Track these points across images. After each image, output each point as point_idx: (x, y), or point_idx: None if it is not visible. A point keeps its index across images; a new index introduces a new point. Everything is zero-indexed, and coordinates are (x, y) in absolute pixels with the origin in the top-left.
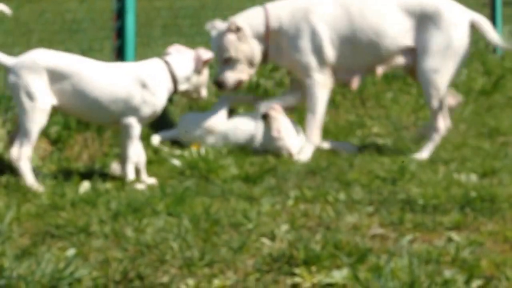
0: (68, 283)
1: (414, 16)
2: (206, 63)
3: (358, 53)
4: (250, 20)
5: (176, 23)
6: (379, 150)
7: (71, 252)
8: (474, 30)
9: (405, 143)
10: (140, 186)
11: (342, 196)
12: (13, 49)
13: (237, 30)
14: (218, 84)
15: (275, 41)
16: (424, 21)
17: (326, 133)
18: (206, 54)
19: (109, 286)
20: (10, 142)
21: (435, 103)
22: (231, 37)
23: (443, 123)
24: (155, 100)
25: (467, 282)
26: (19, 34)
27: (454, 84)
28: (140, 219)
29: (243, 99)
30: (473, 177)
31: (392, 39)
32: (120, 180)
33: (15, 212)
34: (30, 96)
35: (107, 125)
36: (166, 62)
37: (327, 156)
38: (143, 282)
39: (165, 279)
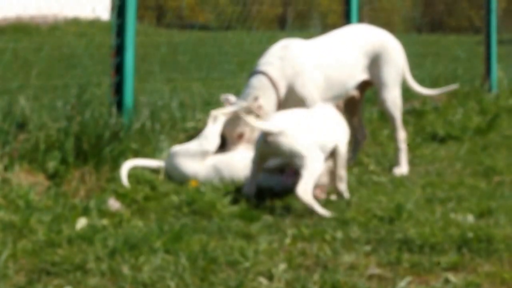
0: None
1: (368, 55)
2: None
3: (330, 89)
4: (264, 93)
5: (174, 58)
6: (376, 188)
7: None
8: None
9: (402, 181)
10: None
11: (339, 234)
12: (13, 83)
13: (259, 108)
14: None
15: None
16: (377, 58)
17: None
18: None
19: None
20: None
21: (398, 120)
22: (251, 117)
23: (403, 132)
24: None
25: None
26: (17, 67)
27: (449, 122)
28: (137, 257)
29: None
30: (470, 217)
31: (354, 75)
32: (117, 216)
33: (11, 248)
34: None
35: None
36: None
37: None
38: None
39: None
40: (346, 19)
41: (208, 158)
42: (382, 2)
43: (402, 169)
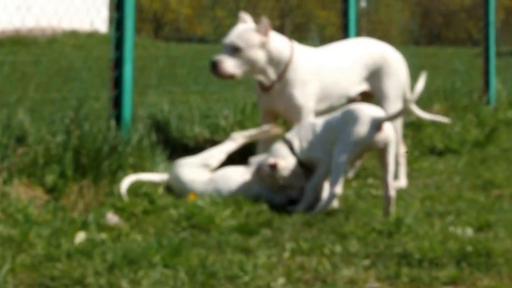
0: None
1: (367, 67)
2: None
3: (327, 99)
4: (280, 41)
5: (172, 71)
6: (374, 202)
7: None
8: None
9: (400, 194)
10: None
11: (338, 248)
12: (11, 96)
13: (265, 35)
14: (213, 64)
15: (285, 81)
16: (377, 70)
17: None
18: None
19: None
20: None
21: (399, 134)
22: (256, 37)
23: (403, 146)
24: None
25: None
26: (15, 80)
27: (448, 135)
28: (136, 271)
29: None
30: (469, 231)
31: (351, 86)
32: (116, 230)
33: (10, 263)
34: None
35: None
36: None
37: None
38: None
39: None
40: (344, 32)
41: (207, 171)
42: (380, 15)
43: (401, 182)
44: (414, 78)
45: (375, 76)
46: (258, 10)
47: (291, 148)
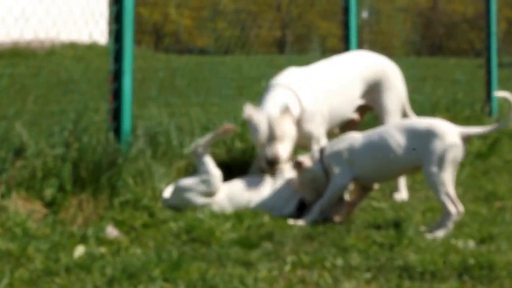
0: None
1: (368, 81)
2: None
3: (333, 117)
4: (291, 104)
5: (172, 83)
6: (376, 214)
7: None
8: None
9: (402, 207)
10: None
11: (339, 262)
12: (9, 108)
13: (288, 112)
14: (272, 161)
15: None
16: (378, 84)
17: None
18: None
19: None
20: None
21: None
22: (287, 119)
23: None
24: None
25: None
26: (14, 92)
27: None
28: (136, 285)
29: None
30: (471, 244)
31: (355, 102)
32: (116, 244)
33: (8, 277)
34: None
35: None
36: None
37: (323, 220)
38: None
39: None
40: (345, 43)
41: (217, 194)
42: (382, 26)
43: (402, 194)
44: (416, 89)
45: (375, 89)
46: (259, 21)
47: (321, 154)
